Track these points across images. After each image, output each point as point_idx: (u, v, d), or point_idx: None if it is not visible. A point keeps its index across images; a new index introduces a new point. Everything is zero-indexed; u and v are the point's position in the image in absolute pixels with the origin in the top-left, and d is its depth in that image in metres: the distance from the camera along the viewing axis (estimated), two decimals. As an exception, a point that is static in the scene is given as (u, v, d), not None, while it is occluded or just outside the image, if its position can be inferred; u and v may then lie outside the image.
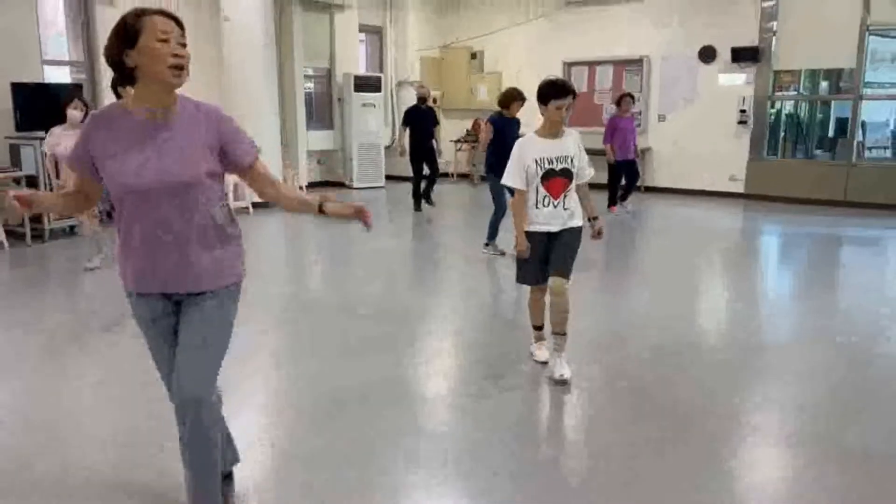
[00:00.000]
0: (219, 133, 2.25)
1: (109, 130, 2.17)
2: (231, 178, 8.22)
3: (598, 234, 4.00)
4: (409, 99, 13.10)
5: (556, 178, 3.79)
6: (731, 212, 10.19)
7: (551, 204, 3.81)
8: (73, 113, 6.18)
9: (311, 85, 12.43)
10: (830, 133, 11.69)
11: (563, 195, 3.81)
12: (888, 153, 11.36)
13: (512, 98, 6.75)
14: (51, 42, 8.84)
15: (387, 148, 12.76)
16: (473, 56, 13.64)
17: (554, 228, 3.83)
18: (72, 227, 8.01)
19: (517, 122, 6.81)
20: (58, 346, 4.57)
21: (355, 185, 12.43)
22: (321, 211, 2.37)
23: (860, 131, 10.72)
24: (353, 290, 6.09)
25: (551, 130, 3.84)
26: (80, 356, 4.43)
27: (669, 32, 11.45)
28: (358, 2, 12.24)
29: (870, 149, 11.19)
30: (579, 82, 12.36)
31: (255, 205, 9.67)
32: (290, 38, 11.22)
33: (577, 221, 3.89)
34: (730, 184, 11.21)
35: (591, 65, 12.38)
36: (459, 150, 13.72)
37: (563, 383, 3.81)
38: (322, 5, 11.84)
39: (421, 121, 9.59)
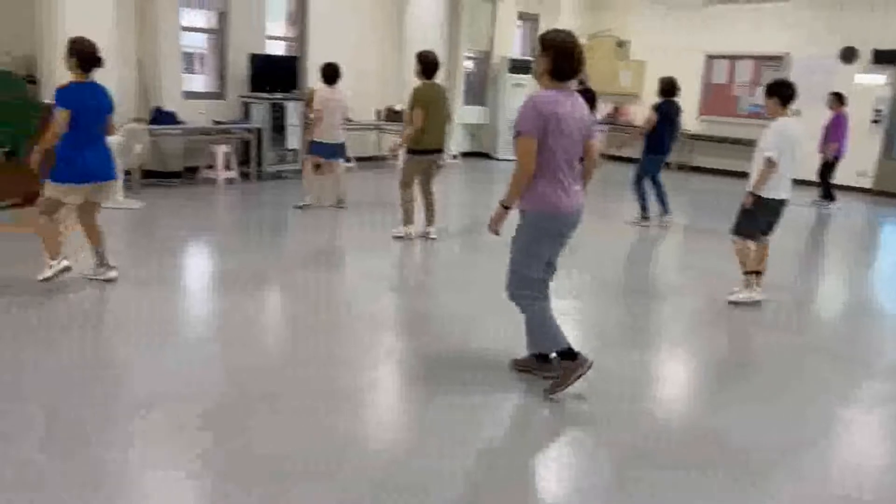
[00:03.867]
0: None
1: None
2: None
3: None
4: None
5: None
6: (859, 206, 10.84)
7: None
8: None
9: (469, 65, 13.96)
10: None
11: None
12: None
13: (676, 87, 8.10)
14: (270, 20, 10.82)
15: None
16: (620, 45, 14.71)
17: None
18: (280, 172, 10.00)
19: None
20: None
21: (499, 156, 13.90)
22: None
23: None
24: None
25: None
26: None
27: (811, 31, 12.06)
28: (518, -9, 13.62)
29: None
30: (719, 75, 13.20)
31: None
32: (458, 23, 12.77)
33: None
34: (857, 179, 11.77)
35: (732, 59, 13.16)
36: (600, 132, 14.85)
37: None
38: (487, -6, 13.32)
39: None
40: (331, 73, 7.84)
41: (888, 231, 9.74)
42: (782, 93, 5.10)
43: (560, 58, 3.33)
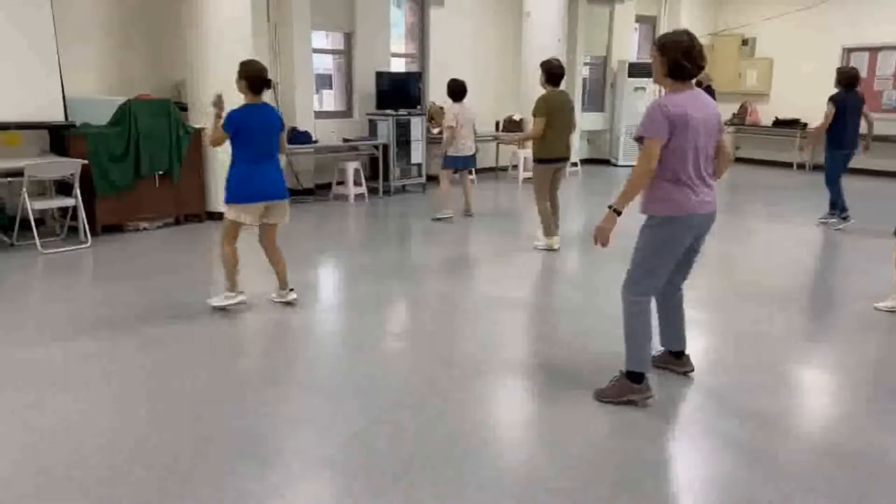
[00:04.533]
0: None
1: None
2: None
3: None
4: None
5: None
6: None
7: None
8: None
9: (587, 71, 13.76)
10: None
11: None
12: None
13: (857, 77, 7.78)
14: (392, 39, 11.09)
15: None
16: (745, 42, 14.08)
17: None
18: (404, 186, 10.18)
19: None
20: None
21: (620, 162, 13.59)
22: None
23: None
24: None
25: None
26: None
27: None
28: (636, -7, 13.32)
29: None
30: (860, 68, 12.35)
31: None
32: (575, 29, 12.62)
33: None
34: None
35: (873, 51, 12.31)
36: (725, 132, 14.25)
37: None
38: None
39: None
40: (458, 90, 8.04)
41: None
42: None
43: (678, 58, 3.23)
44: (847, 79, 7.66)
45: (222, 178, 4.92)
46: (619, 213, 3.33)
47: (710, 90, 10.72)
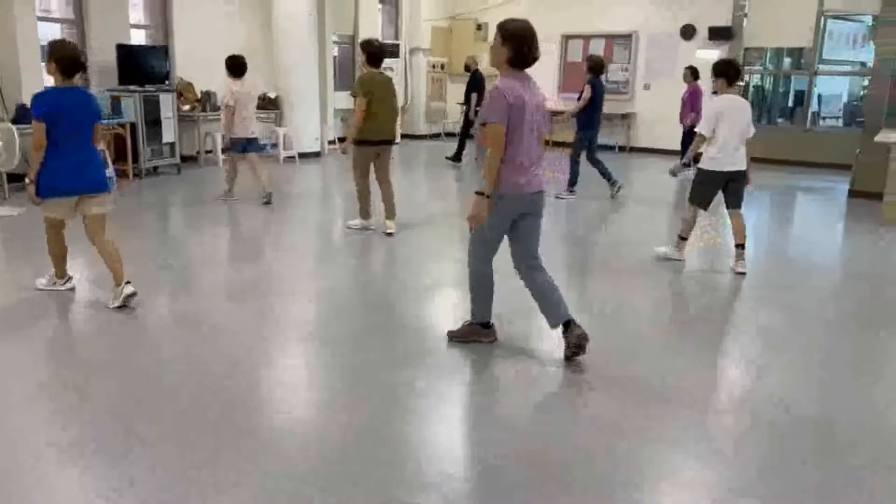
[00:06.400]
0: None
1: None
2: (281, 130, 9.78)
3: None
4: (421, 65, 14.79)
5: None
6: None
7: None
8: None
9: (336, 50, 13.83)
10: (790, 103, 13.52)
11: None
12: (839, 122, 13.23)
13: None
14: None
15: (402, 108, 14.27)
16: (479, 27, 15.17)
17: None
18: (156, 168, 9.51)
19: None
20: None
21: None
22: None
23: (815, 102, 12.56)
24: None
25: None
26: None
27: (655, 11, 13.12)
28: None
29: (823, 118, 13.05)
30: (575, 53, 14.02)
31: (301, 155, 11.23)
32: (323, 7, 12.61)
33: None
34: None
35: (586, 38, 14.02)
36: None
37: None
38: (349, -23, 13.24)
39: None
40: (237, 66, 7.61)
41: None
42: (728, 72, 5.52)
43: (521, 47, 3.47)
44: (598, 66, 8.67)
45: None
46: (488, 197, 3.53)
47: (477, 74, 11.51)
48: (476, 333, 3.99)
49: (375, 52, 6.33)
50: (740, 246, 5.66)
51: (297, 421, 3.15)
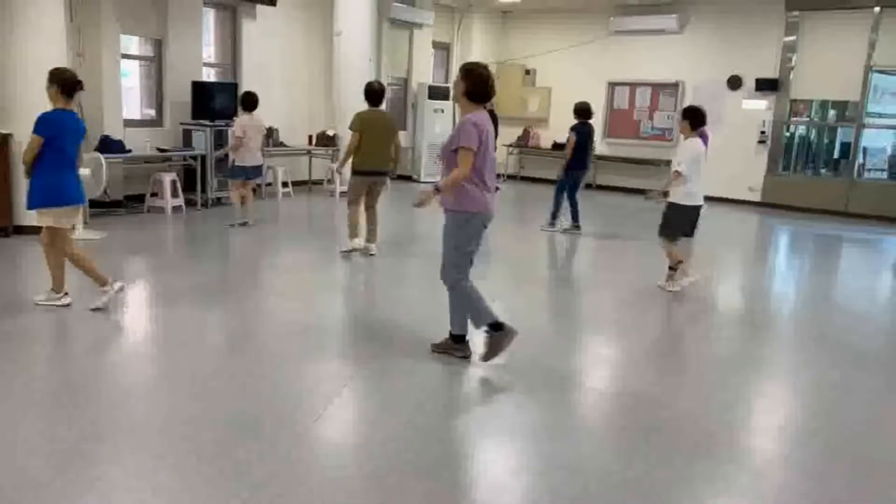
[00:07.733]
0: None
1: None
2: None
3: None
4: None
5: None
6: (750, 215, 12.13)
7: None
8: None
9: (390, 91, 14.35)
10: (836, 154, 13.63)
11: None
12: (884, 175, 13.29)
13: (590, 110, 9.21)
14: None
15: (450, 148, 14.67)
16: (527, 72, 15.62)
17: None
18: (220, 199, 9.96)
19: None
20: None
21: (422, 178, 14.35)
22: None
23: (861, 154, 12.68)
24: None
25: None
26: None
27: (703, 61, 13.41)
28: (433, 21, 14.21)
29: (868, 170, 13.13)
30: (621, 100, 14.37)
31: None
32: (379, 51, 13.17)
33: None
34: (747, 193, 13.14)
35: (632, 86, 14.35)
36: (510, 154, 15.63)
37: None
38: (405, 24, 13.80)
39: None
40: (250, 101, 8.23)
41: (777, 233, 11.01)
42: (694, 117, 6.26)
43: (477, 84, 4.07)
44: (582, 111, 9.15)
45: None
46: (439, 191, 4.09)
47: (493, 114, 11.89)
48: (452, 348, 4.38)
49: (371, 93, 7.04)
50: (676, 267, 6.27)
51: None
